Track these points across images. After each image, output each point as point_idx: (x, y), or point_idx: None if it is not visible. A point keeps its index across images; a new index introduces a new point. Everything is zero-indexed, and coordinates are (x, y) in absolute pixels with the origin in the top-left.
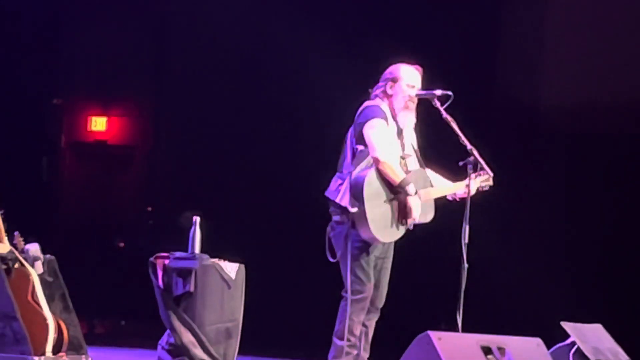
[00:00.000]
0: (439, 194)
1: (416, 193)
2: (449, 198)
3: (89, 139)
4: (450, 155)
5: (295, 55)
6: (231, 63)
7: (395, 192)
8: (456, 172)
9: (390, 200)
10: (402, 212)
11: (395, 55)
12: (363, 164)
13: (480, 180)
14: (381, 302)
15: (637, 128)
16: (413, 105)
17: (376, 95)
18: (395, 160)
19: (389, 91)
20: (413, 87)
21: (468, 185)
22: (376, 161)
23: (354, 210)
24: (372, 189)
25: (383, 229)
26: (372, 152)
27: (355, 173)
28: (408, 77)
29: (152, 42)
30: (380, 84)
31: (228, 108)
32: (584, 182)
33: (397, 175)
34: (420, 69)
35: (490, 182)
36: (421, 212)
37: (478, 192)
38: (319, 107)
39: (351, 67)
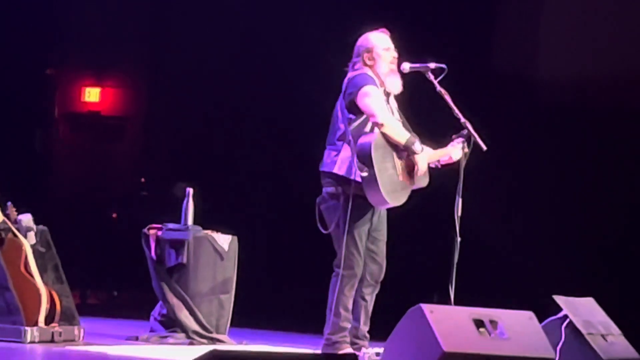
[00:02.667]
0: (430, 159)
1: (422, 150)
2: (432, 165)
3: (83, 109)
4: (444, 129)
5: (291, 29)
6: (227, 34)
7: (401, 153)
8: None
9: (395, 164)
10: (409, 172)
11: (389, 29)
12: (358, 131)
13: (460, 148)
14: (380, 275)
15: (635, 102)
16: (395, 68)
17: (357, 69)
18: (396, 121)
19: (368, 62)
20: (388, 49)
21: (461, 160)
22: (379, 125)
23: (364, 174)
24: (379, 153)
25: (392, 192)
26: (372, 118)
27: (358, 140)
28: (381, 43)
29: (146, 13)
30: (355, 58)
31: (223, 80)
32: (578, 156)
33: (401, 135)
34: (387, 31)
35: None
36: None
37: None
38: (314, 79)
39: (343, 40)
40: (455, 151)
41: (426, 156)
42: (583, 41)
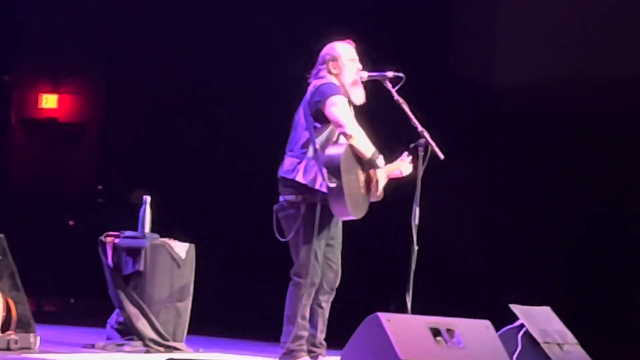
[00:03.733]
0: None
1: (384, 165)
2: None
3: (40, 116)
4: (402, 138)
5: (248, 35)
6: (184, 41)
7: (364, 166)
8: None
9: (358, 176)
10: (369, 186)
11: (346, 36)
12: (324, 141)
13: (409, 162)
14: (336, 282)
15: (589, 105)
16: (359, 80)
17: (322, 77)
18: (363, 133)
19: (333, 70)
20: (354, 60)
21: (417, 168)
22: (348, 137)
23: (332, 185)
24: (347, 164)
25: (355, 204)
26: (341, 128)
27: (326, 150)
28: (347, 53)
29: (104, 19)
30: (320, 66)
31: (180, 87)
32: (536, 163)
33: (368, 148)
34: (352, 43)
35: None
36: None
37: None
38: (270, 87)
39: (301, 46)
40: (404, 165)
41: (385, 171)
42: (540, 45)
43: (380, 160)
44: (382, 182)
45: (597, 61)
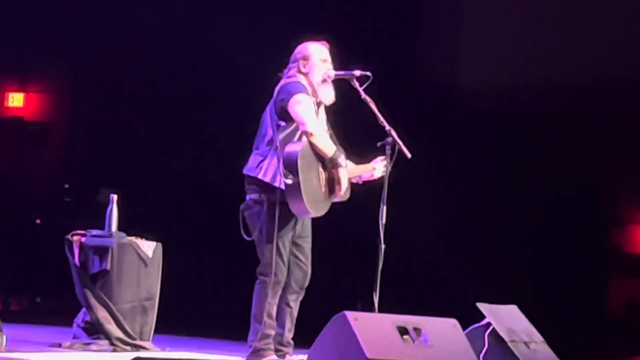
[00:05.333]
0: (351, 174)
1: (346, 165)
2: (353, 180)
3: (6, 114)
4: (368, 137)
5: (213, 36)
6: (150, 39)
7: (326, 165)
8: (366, 155)
9: (319, 174)
10: (331, 185)
11: (314, 36)
12: (287, 139)
13: (383, 165)
14: (305, 281)
15: (553, 109)
16: (329, 80)
17: (291, 75)
18: (325, 132)
19: (303, 69)
20: (325, 60)
21: (386, 166)
22: (308, 135)
23: (288, 182)
24: (305, 162)
25: (314, 202)
26: (302, 126)
27: (285, 147)
28: (318, 53)
29: (71, 17)
30: (291, 65)
31: (146, 85)
32: (501, 164)
33: (328, 147)
34: (327, 44)
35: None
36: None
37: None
38: (238, 86)
39: (269, 46)
40: (378, 167)
41: (346, 171)
42: (503, 50)
43: (342, 159)
44: (344, 181)
45: (562, 66)
